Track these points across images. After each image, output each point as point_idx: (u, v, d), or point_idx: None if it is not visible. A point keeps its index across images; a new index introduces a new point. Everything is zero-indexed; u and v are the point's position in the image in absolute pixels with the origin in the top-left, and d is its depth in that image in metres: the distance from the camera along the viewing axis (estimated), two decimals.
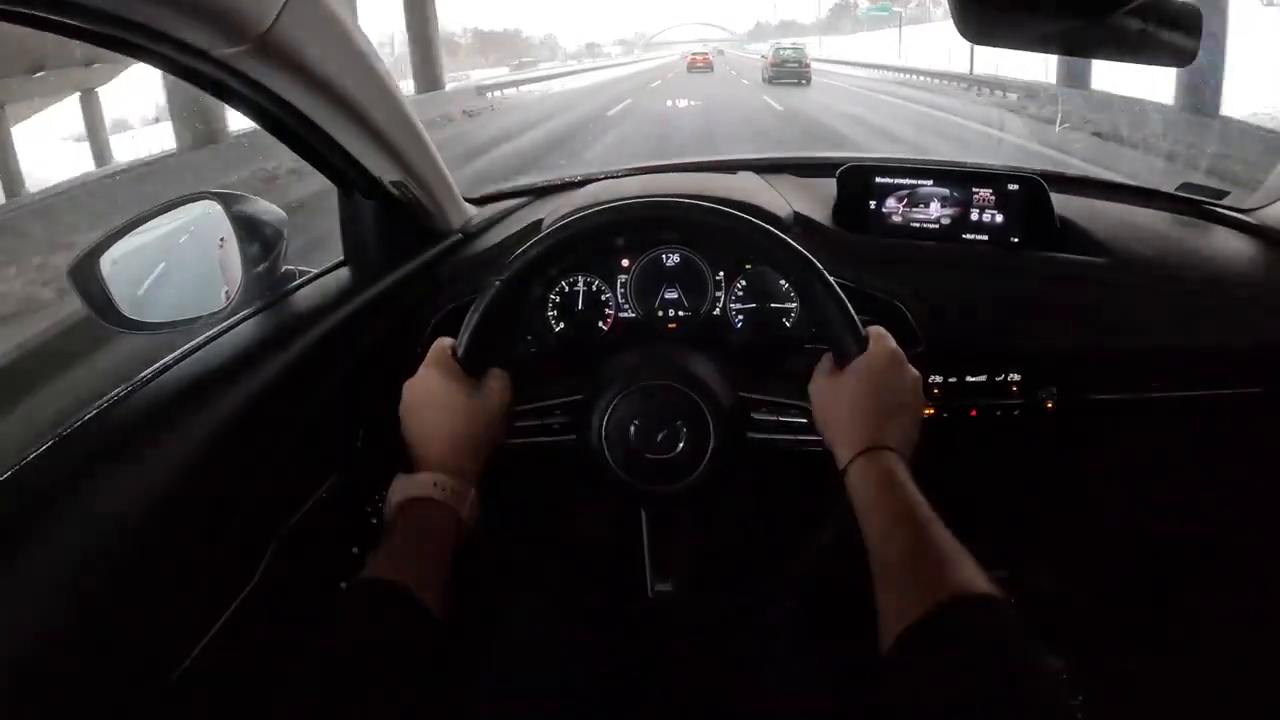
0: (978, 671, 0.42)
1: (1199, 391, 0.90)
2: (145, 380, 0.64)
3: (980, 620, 0.45)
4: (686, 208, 0.67)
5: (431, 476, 0.59)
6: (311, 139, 0.71)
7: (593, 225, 0.67)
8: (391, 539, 0.56)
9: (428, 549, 0.55)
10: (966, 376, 0.88)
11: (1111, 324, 0.88)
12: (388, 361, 0.84)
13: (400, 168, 0.81)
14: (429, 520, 0.57)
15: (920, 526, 0.51)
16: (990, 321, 0.86)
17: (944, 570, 0.47)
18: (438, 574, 0.55)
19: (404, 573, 0.52)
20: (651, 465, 0.66)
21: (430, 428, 0.63)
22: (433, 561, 0.55)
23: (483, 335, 0.66)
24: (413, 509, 0.58)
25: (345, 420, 0.80)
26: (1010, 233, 0.98)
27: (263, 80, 0.60)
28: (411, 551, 0.55)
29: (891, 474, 0.56)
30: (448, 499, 0.59)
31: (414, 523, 0.57)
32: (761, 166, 1.15)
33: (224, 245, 0.84)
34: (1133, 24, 0.79)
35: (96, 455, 0.55)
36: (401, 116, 0.77)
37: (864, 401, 0.61)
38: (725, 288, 0.92)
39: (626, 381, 0.68)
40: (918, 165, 1.01)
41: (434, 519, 0.57)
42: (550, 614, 0.82)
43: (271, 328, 0.74)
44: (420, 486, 0.59)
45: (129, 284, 0.84)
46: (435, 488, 0.59)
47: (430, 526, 0.57)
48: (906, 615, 0.46)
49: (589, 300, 0.93)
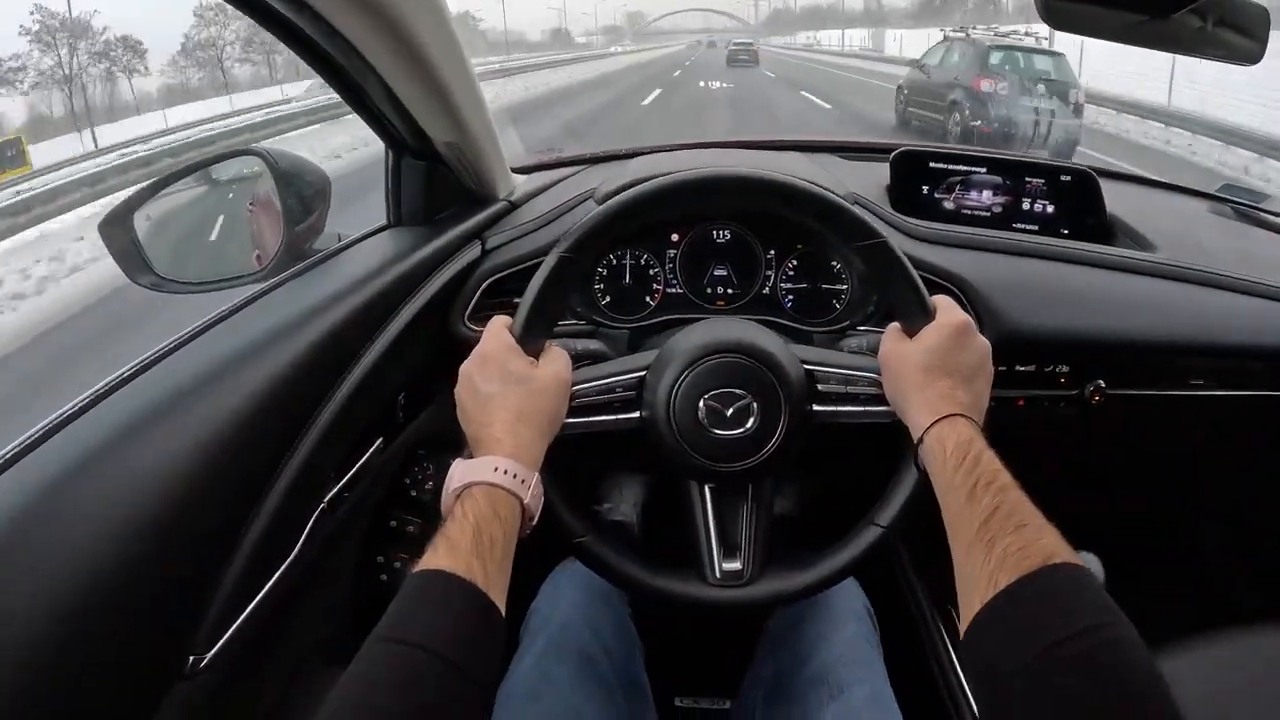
0: (1076, 635, 0.40)
1: (1244, 392, 0.90)
2: (182, 341, 0.62)
3: (1070, 586, 0.43)
4: (754, 175, 0.64)
5: (494, 461, 0.55)
6: (370, 90, 0.68)
7: (658, 191, 0.64)
8: (453, 528, 0.51)
9: (494, 540, 0.51)
10: (1016, 366, 0.87)
11: (1159, 318, 0.87)
12: (432, 328, 0.81)
13: (456, 128, 0.78)
14: (494, 509, 0.52)
15: (1003, 493, 0.49)
16: (1041, 310, 0.85)
17: (1033, 538, 0.46)
18: (503, 570, 0.51)
19: (470, 567, 0.48)
20: (720, 442, 0.64)
21: (491, 410, 0.59)
22: (499, 555, 0.51)
23: (542, 310, 0.63)
24: (476, 496, 0.53)
25: (389, 387, 0.77)
26: (1060, 223, 0.97)
27: (330, 17, 0.57)
28: (476, 544, 0.50)
29: (971, 440, 0.54)
30: (513, 486, 0.54)
31: (476, 511, 0.52)
32: (807, 147, 1.13)
33: (266, 204, 0.82)
34: (1195, 21, 0.79)
35: (131, 419, 0.52)
36: (465, 75, 0.74)
37: (937, 368, 0.59)
38: (776, 266, 0.90)
39: (694, 355, 0.65)
40: (971, 153, 1.00)
41: (498, 507, 0.53)
42: (595, 598, 0.80)
43: (315, 291, 0.71)
44: (483, 471, 0.54)
45: (165, 242, 0.81)
46: (498, 473, 0.54)
47: (494, 515, 0.52)
48: (995, 582, 0.44)
49: (637, 274, 0.90)
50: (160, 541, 0.49)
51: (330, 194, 0.83)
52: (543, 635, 0.75)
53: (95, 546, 0.46)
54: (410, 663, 0.43)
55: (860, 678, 0.70)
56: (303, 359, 0.63)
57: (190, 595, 0.53)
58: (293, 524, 0.63)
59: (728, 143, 1.17)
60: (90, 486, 0.47)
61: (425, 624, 0.45)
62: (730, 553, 0.66)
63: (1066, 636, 0.40)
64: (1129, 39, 0.84)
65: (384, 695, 0.41)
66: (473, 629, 0.46)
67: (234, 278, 0.79)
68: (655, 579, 0.66)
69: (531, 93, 15.81)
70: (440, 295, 0.81)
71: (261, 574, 0.59)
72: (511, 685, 0.70)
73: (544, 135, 8.82)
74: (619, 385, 0.66)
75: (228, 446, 0.55)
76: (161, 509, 0.50)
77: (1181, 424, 0.96)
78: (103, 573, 0.45)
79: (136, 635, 0.48)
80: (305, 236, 0.81)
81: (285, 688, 0.70)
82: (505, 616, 0.49)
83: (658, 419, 0.64)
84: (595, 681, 0.72)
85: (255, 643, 0.59)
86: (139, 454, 0.50)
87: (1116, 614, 0.42)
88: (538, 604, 0.80)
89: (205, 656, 0.53)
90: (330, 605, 0.78)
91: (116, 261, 0.79)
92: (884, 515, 0.64)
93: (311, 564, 0.67)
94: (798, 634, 0.77)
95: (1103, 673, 0.39)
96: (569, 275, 0.64)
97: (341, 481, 0.70)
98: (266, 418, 0.59)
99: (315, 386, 0.66)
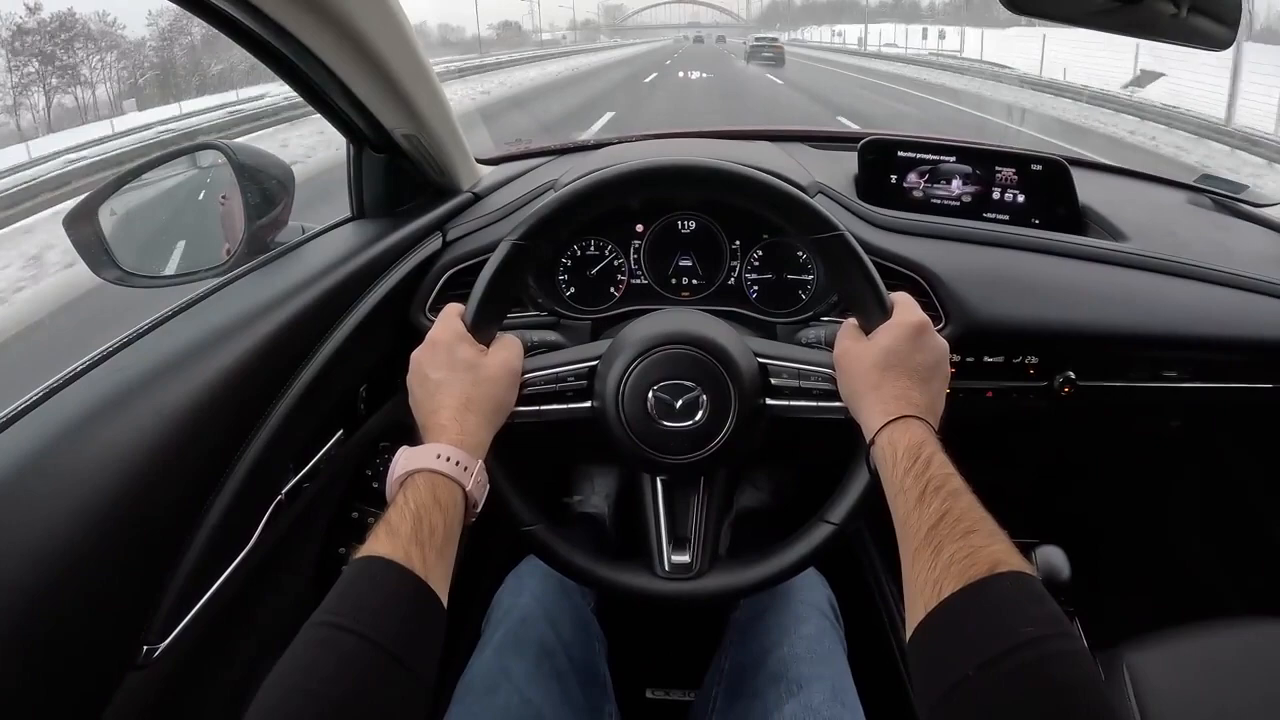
0: (1017, 647, 0.40)
1: (1216, 384, 0.89)
2: (140, 333, 0.62)
3: (1015, 594, 0.43)
4: (708, 165, 0.64)
5: (437, 448, 0.55)
6: (323, 84, 0.68)
7: (608, 180, 0.64)
8: (394, 514, 0.51)
9: (434, 527, 0.51)
10: (984, 357, 0.86)
11: (1129, 309, 0.87)
12: (392, 320, 0.82)
13: (413, 120, 0.78)
14: (435, 496, 0.52)
15: (953, 498, 0.49)
16: (1009, 300, 0.85)
17: (980, 545, 0.45)
18: (444, 557, 0.51)
19: (408, 554, 0.48)
20: (669, 434, 0.63)
21: (438, 397, 0.59)
22: (439, 542, 0.51)
23: (493, 299, 0.63)
24: (418, 483, 0.53)
25: (349, 379, 0.77)
26: (1031, 213, 0.96)
27: (277, 16, 0.57)
28: (416, 530, 0.50)
29: (923, 443, 0.53)
30: (455, 473, 0.54)
31: (418, 498, 0.52)
32: (777, 136, 1.13)
33: (228, 198, 0.82)
34: (1168, 8, 0.78)
35: (86, 411, 0.52)
36: (418, 66, 0.74)
37: (893, 368, 0.58)
38: (741, 257, 0.90)
39: (643, 346, 0.65)
40: (940, 142, 0.99)
41: (439, 495, 0.53)
42: (555, 590, 0.80)
43: (276, 282, 0.71)
44: (426, 458, 0.54)
45: (129, 236, 0.81)
46: (441, 460, 0.54)
47: (435, 502, 0.52)
48: (939, 589, 0.44)
49: (601, 265, 0.90)
50: (113, 531, 0.49)
51: (294, 187, 0.83)
52: (503, 628, 0.75)
53: (46, 536, 0.46)
54: (342, 647, 0.43)
55: (821, 674, 0.70)
56: (260, 350, 0.64)
57: (144, 585, 0.53)
58: (249, 515, 0.63)
59: (697, 132, 1.17)
60: (43, 477, 0.48)
61: (359, 609, 0.45)
62: (680, 545, 0.66)
63: (1006, 650, 0.40)
64: (1098, 25, 0.83)
65: (315, 680, 0.41)
66: (407, 615, 0.46)
67: (199, 271, 0.79)
68: (603, 570, 0.66)
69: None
70: (401, 287, 0.81)
71: (217, 564, 0.59)
72: (471, 678, 0.71)
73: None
74: (570, 375, 0.66)
75: (181, 438, 0.55)
76: (114, 500, 0.50)
77: (1153, 416, 0.95)
78: (53, 562, 0.46)
79: (88, 624, 0.48)
80: (268, 230, 0.81)
81: (243, 678, 0.71)
82: (472, 608, 0.49)
83: (607, 409, 0.64)
84: (552, 674, 0.72)
85: (211, 633, 0.60)
86: (93, 445, 0.51)
87: (1060, 624, 0.41)
88: (500, 596, 0.80)
89: (159, 646, 0.53)
90: (291, 596, 0.79)
91: (81, 256, 0.80)
92: (836, 512, 0.64)
93: (270, 555, 0.67)
94: (760, 628, 0.77)
95: (1041, 688, 0.38)
96: (521, 263, 0.64)
97: (300, 473, 0.70)
98: (222, 409, 0.59)
99: (272, 378, 0.66)
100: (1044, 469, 0.97)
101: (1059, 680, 0.39)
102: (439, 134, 0.83)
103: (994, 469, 0.51)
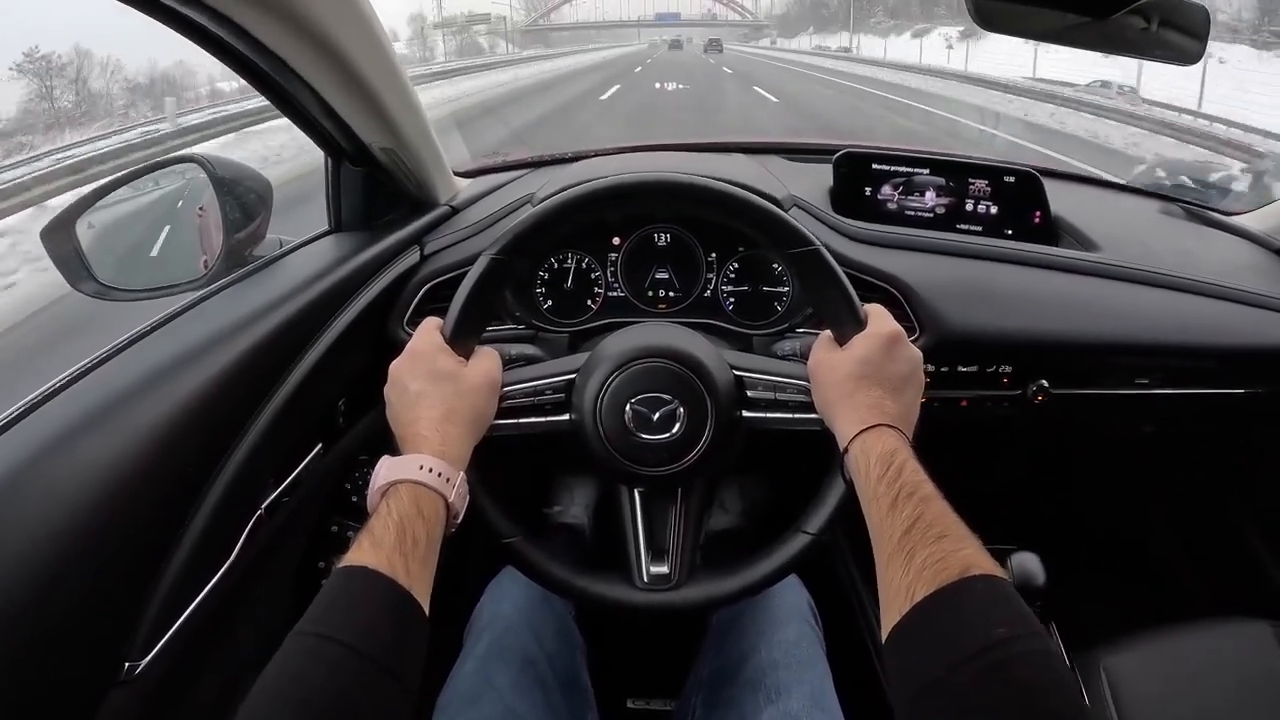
0: (988, 648, 0.40)
1: (1189, 390, 0.91)
2: (118, 349, 0.62)
3: (986, 597, 0.44)
4: (685, 181, 0.65)
5: (420, 459, 0.55)
6: (300, 98, 0.68)
7: (584, 197, 0.65)
8: (377, 525, 0.51)
9: (417, 538, 0.51)
10: (958, 366, 0.87)
11: (1101, 318, 0.88)
12: (371, 333, 0.82)
13: (390, 134, 0.78)
14: (418, 507, 0.53)
15: (925, 504, 0.50)
16: (982, 311, 0.86)
17: (951, 549, 0.46)
18: (426, 567, 0.51)
19: (391, 564, 0.48)
20: (647, 446, 0.64)
21: (418, 409, 0.59)
22: (422, 552, 0.51)
23: (473, 311, 0.63)
24: (400, 494, 0.53)
25: (328, 393, 0.78)
26: (1004, 224, 0.98)
27: (251, 29, 0.58)
28: (399, 541, 0.50)
29: (895, 451, 0.54)
30: (438, 484, 0.54)
31: (401, 509, 0.52)
32: (752, 149, 1.14)
33: (205, 211, 0.82)
34: (1138, 22, 0.80)
35: (64, 427, 0.52)
36: (395, 80, 0.75)
37: (867, 378, 0.59)
38: (717, 269, 0.91)
39: (621, 360, 0.65)
40: (914, 154, 1.01)
41: (422, 505, 0.53)
42: (537, 600, 0.80)
43: (254, 296, 0.71)
44: (409, 469, 0.54)
45: (107, 249, 0.81)
46: (423, 471, 0.54)
47: (418, 513, 0.52)
48: (912, 594, 0.45)
49: (578, 278, 0.91)
50: (92, 548, 0.49)
51: (272, 200, 0.83)
52: (485, 638, 0.75)
53: (26, 553, 0.46)
54: (330, 657, 0.43)
55: (800, 679, 0.70)
56: (239, 365, 0.64)
57: (124, 601, 0.53)
58: (229, 530, 0.63)
59: (674, 145, 1.18)
60: (22, 494, 0.48)
61: (345, 619, 0.45)
62: (658, 557, 0.67)
63: (977, 650, 0.40)
64: (1069, 41, 0.85)
65: (304, 689, 0.42)
66: (392, 624, 0.47)
67: (176, 284, 0.79)
68: (582, 581, 0.66)
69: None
70: (379, 301, 0.81)
71: (198, 580, 0.59)
72: (453, 688, 0.71)
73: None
74: (548, 388, 0.67)
75: (161, 453, 0.55)
76: (93, 516, 0.50)
77: (1127, 423, 0.97)
78: (33, 580, 0.46)
79: (69, 641, 0.48)
80: (246, 243, 0.81)
81: (224, 693, 0.70)
82: (451, 618, 0.49)
83: (585, 422, 0.65)
84: (536, 684, 0.72)
85: (193, 649, 0.60)
86: (71, 461, 0.51)
87: (1030, 625, 0.42)
88: (482, 605, 0.80)
89: (140, 663, 0.53)
90: (271, 610, 0.78)
91: (58, 268, 0.79)
92: (813, 523, 0.64)
93: (250, 569, 0.67)
94: (738, 634, 0.77)
95: (1012, 686, 0.39)
96: (500, 277, 0.64)
97: (280, 487, 0.70)
98: (201, 423, 0.59)
99: (251, 392, 0.66)
100: (1019, 476, 0.99)
101: (1029, 679, 0.39)
102: (417, 148, 0.83)
103: (970, 477, 0.52)
